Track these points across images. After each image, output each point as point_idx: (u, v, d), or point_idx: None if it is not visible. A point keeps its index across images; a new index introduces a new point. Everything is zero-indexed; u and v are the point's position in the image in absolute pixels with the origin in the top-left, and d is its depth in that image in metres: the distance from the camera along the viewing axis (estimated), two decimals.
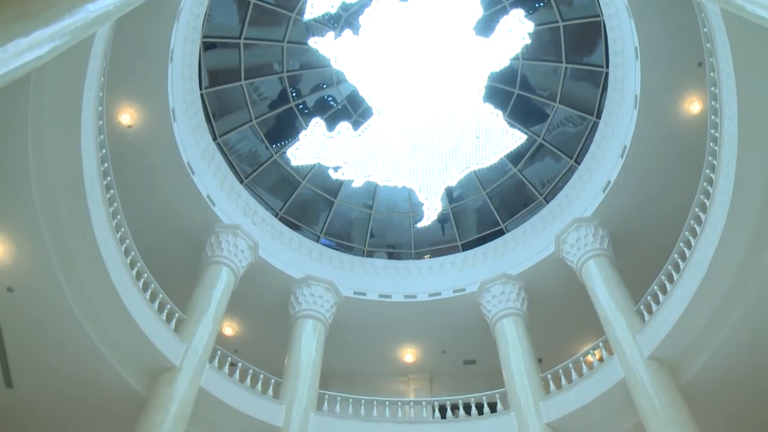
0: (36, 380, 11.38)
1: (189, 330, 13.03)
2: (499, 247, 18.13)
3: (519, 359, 14.86)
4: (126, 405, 11.74)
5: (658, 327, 12.00)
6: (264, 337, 17.50)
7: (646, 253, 15.31)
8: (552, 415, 13.29)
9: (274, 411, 13.44)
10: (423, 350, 18.70)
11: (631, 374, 12.11)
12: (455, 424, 14.02)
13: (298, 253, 17.83)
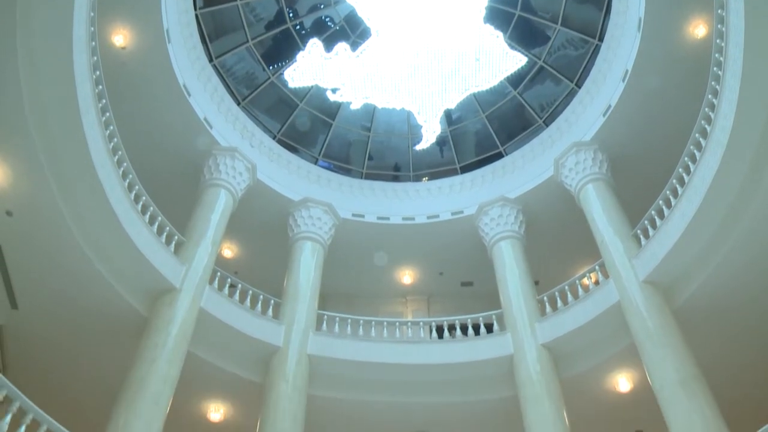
0: (40, 301, 11.53)
1: (188, 252, 13.13)
2: (498, 170, 18.10)
3: (516, 281, 15.04)
4: (128, 326, 11.94)
5: (654, 252, 12.11)
6: (263, 259, 17.65)
7: (644, 178, 15.31)
8: (547, 336, 13.55)
9: (274, 331, 13.68)
10: (421, 272, 18.90)
11: (625, 297, 12.28)
12: (452, 345, 14.28)
13: (296, 176, 17.80)
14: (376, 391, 13.95)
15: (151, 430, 10.11)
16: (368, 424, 14.36)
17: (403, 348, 14.23)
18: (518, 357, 13.53)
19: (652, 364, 11.13)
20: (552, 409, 12.24)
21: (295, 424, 12.25)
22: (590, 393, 13.51)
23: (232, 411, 13.97)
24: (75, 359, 12.51)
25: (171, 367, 11.06)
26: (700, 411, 10.04)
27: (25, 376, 11.51)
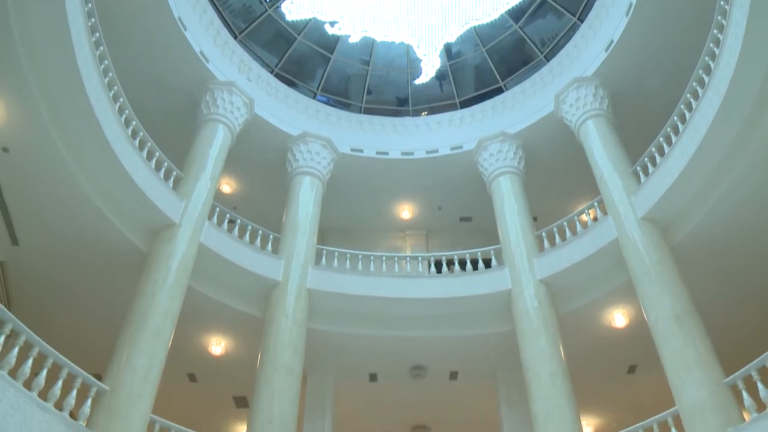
0: (40, 238, 11.57)
1: (187, 187, 13.11)
2: (498, 105, 17.93)
3: (514, 216, 15.08)
4: (128, 261, 12.01)
5: (653, 188, 12.10)
6: (262, 194, 17.67)
7: (645, 115, 15.21)
8: (545, 271, 13.66)
9: (274, 265, 13.78)
10: (419, 207, 18.93)
11: (624, 234, 12.33)
12: (450, 279, 14.40)
13: (295, 110, 17.63)
14: (375, 325, 14.15)
15: (154, 364, 10.27)
16: (367, 357, 14.66)
17: (402, 282, 14.35)
18: (516, 292, 13.67)
19: (648, 300, 11.25)
20: (549, 344, 12.44)
21: (295, 356, 12.46)
22: (586, 328, 13.73)
23: (233, 344, 14.22)
24: (77, 294, 12.64)
25: (172, 302, 11.18)
26: (693, 346, 10.20)
27: (29, 312, 11.69)
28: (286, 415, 11.53)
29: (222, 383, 15.10)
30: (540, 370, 12.09)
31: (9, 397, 7.75)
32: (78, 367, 9.27)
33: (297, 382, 12.20)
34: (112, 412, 9.35)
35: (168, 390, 11.75)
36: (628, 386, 15.10)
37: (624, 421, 12.54)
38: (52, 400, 8.48)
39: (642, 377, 14.67)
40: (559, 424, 11.23)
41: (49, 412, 8.31)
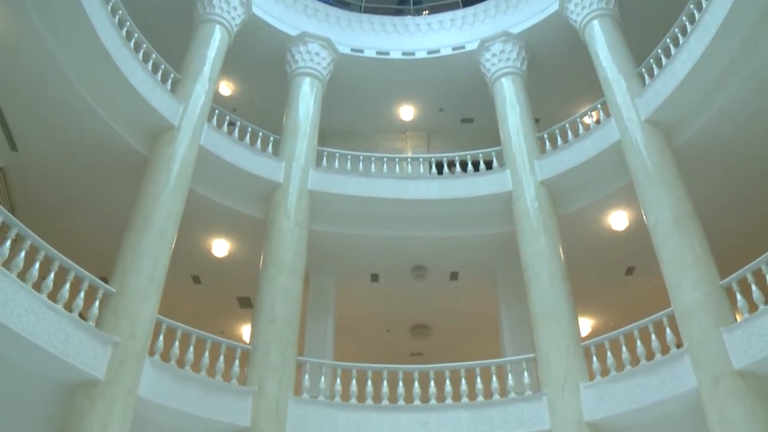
0: (39, 143, 11.54)
1: (185, 90, 12.93)
2: (501, 4, 17.38)
3: (516, 118, 14.94)
4: (129, 165, 12.01)
5: (657, 91, 11.94)
6: (261, 96, 17.45)
7: (653, 15, 14.81)
8: (546, 173, 13.66)
9: (274, 167, 13.77)
10: (421, 108, 18.71)
11: (626, 136, 12.25)
12: (451, 180, 14.40)
13: (293, 10, 17.14)
14: (376, 226, 14.28)
15: (158, 266, 10.43)
16: (368, 258, 14.87)
17: (403, 183, 14.37)
18: (517, 193, 13.72)
19: (648, 203, 11.31)
20: (548, 245, 12.59)
21: (297, 257, 12.65)
22: (586, 230, 13.86)
23: (235, 246, 14.40)
24: (80, 199, 12.72)
25: (174, 204, 11.24)
26: (691, 248, 10.34)
27: (33, 217, 11.76)
28: (289, 315, 11.81)
29: (226, 284, 15.39)
30: (539, 270, 12.28)
31: (20, 298, 7.98)
32: (84, 270, 9.44)
33: (299, 282, 12.43)
34: (119, 312, 9.57)
35: (173, 292, 11.97)
36: (626, 287, 15.39)
37: (621, 321, 12.86)
38: (61, 302, 8.72)
39: (639, 279, 14.94)
40: (557, 324, 11.51)
41: (59, 313, 8.55)
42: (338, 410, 11.18)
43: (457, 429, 11.00)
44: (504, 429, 10.94)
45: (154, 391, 9.59)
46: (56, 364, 8.46)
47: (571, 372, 10.92)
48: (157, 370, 9.79)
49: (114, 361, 9.06)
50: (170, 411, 9.83)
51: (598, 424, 10.37)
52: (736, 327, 9.17)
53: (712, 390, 8.99)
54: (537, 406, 11.00)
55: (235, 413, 10.44)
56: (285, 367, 11.23)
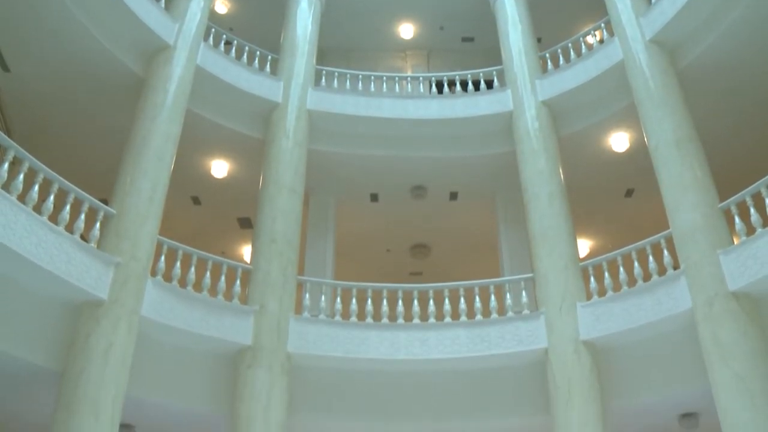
0: (32, 64, 11.36)
1: (180, 8, 12.59)
2: None
3: (518, 37, 14.63)
4: (125, 86, 11.85)
5: (664, 10, 11.61)
6: (258, 13, 17.06)
7: None
8: (547, 93, 13.47)
9: (273, 87, 13.57)
10: (421, 26, 18.33)
11: (630, 56, 12.02)
12: (451, 100, 14.23)
13: None
14: (376, 146, 14.19)
15: (158, 187, 10.42)
16: (368, 177, 14.84)
17: (402, 103, 14.21)
18: (517, 113, 13.57)
19: (650, 124, 11.20)
20: (548, 165, 12.55)
21: (297, 177, 12.64)
22: (586, 151, 13.79)
23: (235, 167, 14.35)
24: (77, 122, 12.62)
25: (172, 125, 11.14)
26: (691, 170, 10.30)
27: (31, 141, 11.69)
28: (290, 234, 11.89)
29: (225, 205, 15.43)
30: (539, 190, 12.29)
31: (21, 220, 8.03)
32: (84, 192, 9.44)
33: (299, 202, 12.46)
34: (120, 234, 9.62)
35: (173, 213, 12.06)
36: (625, 209, 15.43)
37: (619, 243, 12.91)
38: (62, 224, 8.78)
39: (638, 201, 14.96)
40: (555, 244, 11.59)
41: (60, 235, 8.62)
42: (338, 328, 11.38)
43: (456, 347, 11.22)
44: (502, 347, 11.16)
45: (156, 310, 9.76)
46: (60, 285, 8.59)
47: (568, 292, 11.07)
48: (159, 290, 9.94)
49: (116, 282, 9.17)
50: (173, 330, 10.03)
51: (594, 343, 10.57)
52: (732, 249, 9.24)
53: (706, 311, 9.14)
54: (534, 325, 11.20)
55: (237, 332, 10.64)
56: (286, 287, 11.38)
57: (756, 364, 8.53)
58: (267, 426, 10.11)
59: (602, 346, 10.59)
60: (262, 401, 10.25)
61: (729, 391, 8.59)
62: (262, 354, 10.61)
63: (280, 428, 10.29)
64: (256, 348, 10.64)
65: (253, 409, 10.16)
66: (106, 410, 8.46)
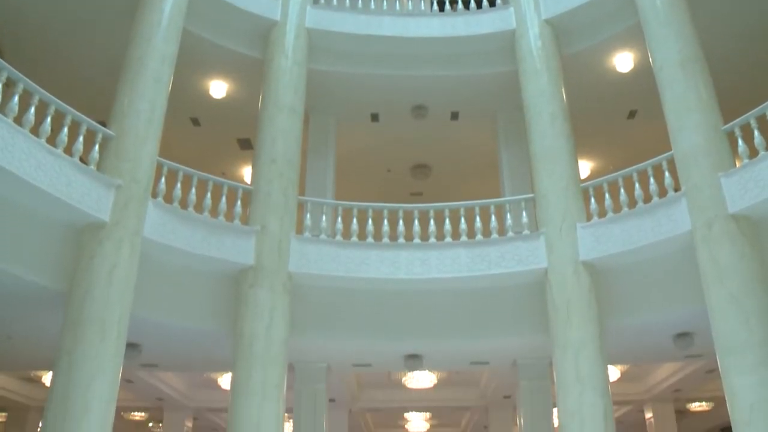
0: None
1: None
2: None
3: None
4: (121, 4, 11.57)
5: None
6: None
7: None
8: (551, 11, 13.07)
9: (270, 4, 13.18)
10: None
11: None
12: (453, 18, 13.86)
13: None
14: (376, 65, 13.92)
15: (156, 108, 10.25)
16: (368, 97, 14.62)
17: (403, 21, 13.88)
18: (520, 32, 13.27)
19: (655, 43, 10.95)
20: (550, 84, 12.37)
21: (297, 97, 12.50)
22: (590, 71, 13.55)
23: (233, 87, 14.14)
24: (71, 43, 12.36)
25: (168, 45, 10.90)
26: (696, 91, 10.13)
27: (23, 63, 11.46)
28: (290, 154, 11.85)
29: (225, 126, 15.30)
30: (540, 110, 12.17)
31: (19, 143, 8.00)
32: (81, 114, 9.37)
33: (299, 122, 12.36)
34: (119, 156, 9.57)
35: (173, 135, 11.97)
36: (627, 131, 15.30)
37: (620, 165, 12.90)
38: (60, 147, 8.74)
39: (641, 122, 14.82)
40: (556, 164, 11.55)
41: (59, 158, 8.60)
42: (339, 248, 11.48)
43: (456, 266, 11.35)
44: (501, 267, 11.29)
45: (158, 232, 9.84)
46: (61, 208, 8.63)
47: (569, 212, 11.11)
48: (160, 211, 9.98)
49: (118, 204, 9.20)
50: (176, 251, 10.14)
51: (593, 263, 10.69)
52: (734, 172, 9.22)
53: (705, 232, 9.19)
54: (534, 245, 11.29)
55: (238, 252, 10.75)
56: (287, 207, 11.43)
57: (752, 286, 8.66)
58: (269, 344, 10.33)
59: (601, 266, 10.71)
60: (264, 320, 10.45)
61: (724, 311, 8.75)
62: (264, 274, 10.75)
63: (282, 346, 10.52)
64: (257, 268, 10.77)
65: (256, 328, 10.37)
66: (112, 329, 8.64)
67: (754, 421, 8.16)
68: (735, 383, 8.49)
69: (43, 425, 8.23)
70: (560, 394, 10.28)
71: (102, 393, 8.34)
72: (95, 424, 8.17)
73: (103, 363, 8.44)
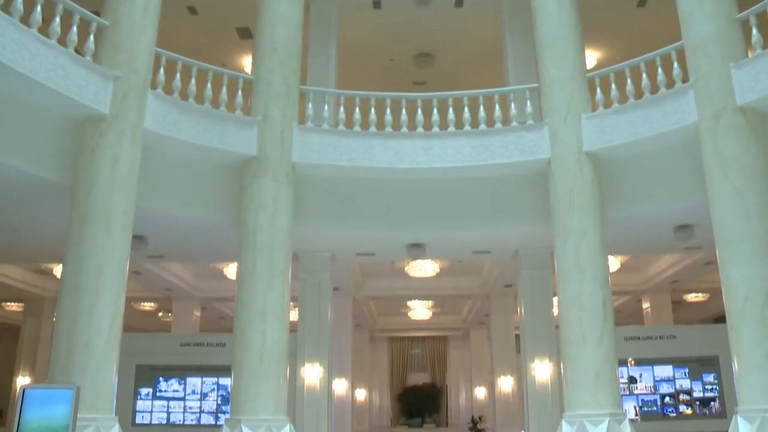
0: None
1: None
2: None
3: None
4: None
5: None
6: None
7: None
8: None
9: None
10: None
11: None
12: None
13: None
14: None
15: None
16: None
17: None
18: None
19: None
20: None
21: None
22: None
23: None
24: None
25: None
26: None
27: None
28: (291, 43, 11.59)
29: (223, 14, 14.79)
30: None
31: (9, 33, 7.83)
32: (73, 3, 9.09)
33: (299, 9, 12.00)
34: (116, 46, 9.34)
35: (170, 25, 11.63)
36: (637, 20, 14.76)
37: (628, 55, 12.50)
38: (54, 38, 8.52)
39: (651, 11, 14.26)
40: (562, 53, 11.26)
41: (53, 48, 8.43)
42: (342, 138, 11.43)
43: (459, 156, 11.32)
44: (504, 157, 11.26)
45: (160, 123, 9.77)
46: (60, 101, 8.54)
47: (573, 102, 10.95)
48: (160, 102, 9.87)
49: (116, 96, 9.07)
50: (178, 142, 10.11)
51: (597, 154, 10.63)
52: (745, 63, 8.99)
53: (711, 124, 9.09)
54: (538, 135, 11.21)
55: (241, 142, 10.73)
56: (288, 96, 11.30)
57: (755, 179, 8.66)
58: (273, 233, 10.49)
59: (604, 157, 10.67)
60: (268, 210, 10.56)
61: (726, 203, 8.79)
62: (267, 164, 10.77)
63: (286, 235, 10.69)
64: (260, 158, 10.78)
65: (260, 218, 10.50)
66: (117, 221, 8.74)
67: (747, 310, 8.36)
68: (732, 274, 8.63)
69: (57, 315, 8.46)
70: (560, 282, 10.47)
71: (111, 283, 8.54)
72: (106, 313, 8.40)
73: (110, 254, 8.59)
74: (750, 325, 8.29)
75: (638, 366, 13.70)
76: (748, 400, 8.21)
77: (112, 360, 8.45)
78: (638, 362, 13.70)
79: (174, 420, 13.34)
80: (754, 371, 8.16)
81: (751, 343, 8.25)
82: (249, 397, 9.80)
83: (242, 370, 9.95)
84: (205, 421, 13.32)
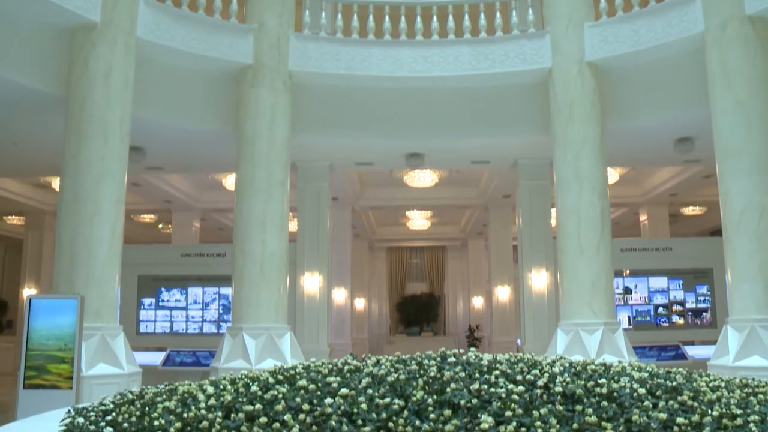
0: None
1: None
2: None
3: None
4: None
5: None
6: None
7: None
8: None
9: None
10: None
11: None
12: None
13: None
14: None
15: None
16: None
17: None
18: None
19: None
20: None
21: None
22: None
23: None
24: None
25: None
26: None
27: None
28: None
29: None
30: None
31: None
32: None
33: None
34: None
35: None
36: None
37: None
38: None
39: None
40: None
41: None
42: (340, 45, 11.20)
43: (459, 64, 11.14)
44: (505, 65, 11.07)
45: (153, 32, 9.56)
46: (48, 8, 8.39)
47: (576, 11, 10.67)
48: (153, 10, 9.62)
49: (107, 3, 8.86)
50: (173, 51, 9.93)
51: (598, 64, 10.45)
52: None
53: (718, 34, 8.88)
54: (539, 44, 10.98)
55: (236, 50, 10.54)
56: (284, 3, 11.06)
57: (758, 91, 8.54)
58: (272, 142, 10.45)
59: (606, 67, 10.49)
60: (266, 119, 10.49)
61: (728, 116, 8.69)
62: (264, 72, 10.62)
63: (285, 145, 10.65)
64: (257, 67, 10.61)
65: (258, 127, 10.45)
66: (114, 131, 8.69)
67: (743, 223, 8.41)
68: (730, 187, 8.64)
69: (58, 226, 8.50)
70: (559, 192, 10.49)
71: (110, 193, 8.56)
72: (107, 224, 8.46)
73: (109, 165, 8.59)
74: (745, 238, 8.36)
75: (633, 277, 13.86)
76: (739, 310, 8.37)
77: (114, 270, 8.56)
78: (634, 273, 13.85)
79: (177, 329, 13.60)
80: (746, 282, 8.29)
81: (745, 255, 8.34)
82: (250, 305, 9.98)
83: (243, 279, 10.10)
84: (207, 329, 13.57)
